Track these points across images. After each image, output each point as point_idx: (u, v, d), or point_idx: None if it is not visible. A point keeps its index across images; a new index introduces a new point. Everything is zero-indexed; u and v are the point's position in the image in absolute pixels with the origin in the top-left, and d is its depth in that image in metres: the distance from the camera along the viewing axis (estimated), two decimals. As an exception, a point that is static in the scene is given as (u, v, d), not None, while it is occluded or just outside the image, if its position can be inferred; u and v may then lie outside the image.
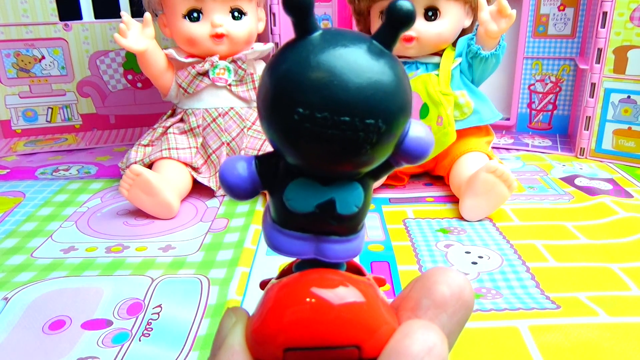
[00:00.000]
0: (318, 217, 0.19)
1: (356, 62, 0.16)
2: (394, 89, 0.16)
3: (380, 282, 0.22)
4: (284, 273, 0.22)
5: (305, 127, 0.16)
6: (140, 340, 0.42)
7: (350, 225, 0.19)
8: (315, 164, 0.17)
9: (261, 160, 0.19)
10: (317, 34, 0.16)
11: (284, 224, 0.19)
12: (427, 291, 0.19)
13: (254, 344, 0.18)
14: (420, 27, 0.71)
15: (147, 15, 0.71)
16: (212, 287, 0.50)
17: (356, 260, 0.23)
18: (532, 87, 0.99)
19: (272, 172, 0.19)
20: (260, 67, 0.80)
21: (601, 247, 0.57)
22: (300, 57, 0.16)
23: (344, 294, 0.18)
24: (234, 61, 0.75)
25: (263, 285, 0.23)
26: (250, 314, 0.20)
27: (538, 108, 1.00)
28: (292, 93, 0.16)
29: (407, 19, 0.16)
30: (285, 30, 0.97)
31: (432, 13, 0.71)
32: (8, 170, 0.85)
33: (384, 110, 0.16)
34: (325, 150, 0.16)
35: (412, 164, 0.19)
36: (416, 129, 0.18)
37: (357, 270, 0.23)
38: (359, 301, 0.18)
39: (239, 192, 0.19)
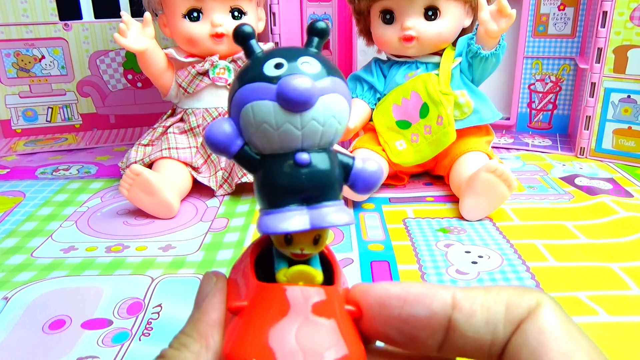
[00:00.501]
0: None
1: None
2: None
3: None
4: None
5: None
6: (140, 340, 0.42)
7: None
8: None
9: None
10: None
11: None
12: None
13: None
14: (420, 26, 0.71)
15: (147, 15, 0.71)
16: (212, 287, 0.50)
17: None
18: (532, 87, 0.99)
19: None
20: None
21: (601, 247, 0.57)
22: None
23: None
24: (233, 61, 0.75)
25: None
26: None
27: (538, 108, 1.00)
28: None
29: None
30: (285, 30, 0.97)
31: (432, 13, 0.71)
32: (8, 170, 0.85)
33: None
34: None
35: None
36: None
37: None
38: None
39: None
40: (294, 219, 0.20)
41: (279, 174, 0.20)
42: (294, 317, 0.19)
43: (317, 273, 0.21)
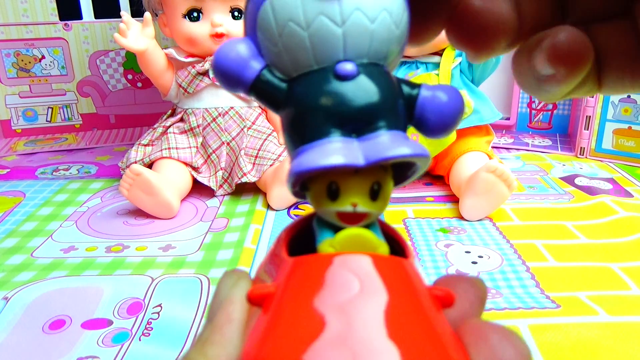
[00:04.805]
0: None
1: None
2: None
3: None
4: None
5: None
6: (140, 340, 0.42)
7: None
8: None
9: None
10: None
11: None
12: None
13: None
14: (420, 26, 0.71)
15: (147, 15, 0.72)
16: (212, 287, 0.50)
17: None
18: (532, 87, 0.99)
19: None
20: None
21: (601, 247, 0.57)
22: None
23: None
24: (234, 61, 0.75)
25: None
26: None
27: (538, 107, 1.00)
28: None
29: None
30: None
31: (432, 13, 0.71)
32: (8, 170, 0.85)
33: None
34: None
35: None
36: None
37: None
38: None
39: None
40: (340, 151, 0.14)
41: (314, 94, 0.14)
42: (366, 297, 0.13)
43: (380, 242, 0.15)
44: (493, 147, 0.87)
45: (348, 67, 0.14)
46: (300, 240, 0.16)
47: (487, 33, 0.17)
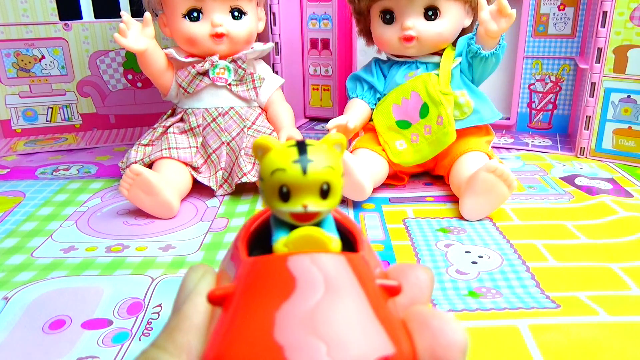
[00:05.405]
0: None
1: None
2: None
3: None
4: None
5: None
6: (140, 340, 0.42)
7: None
8: None
9: None
10: None
11: None
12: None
13: None
14: (420, 26, 0.71)
15: (147, 14, 0.71)
16: (212, 287, 0.50)
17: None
18: (532, 87, 0.99)
19: None
20: (260, 67, 0.80)
21: (601, 247, 0.57)
22: None
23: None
24: (234, 61, 0.75)
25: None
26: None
27: (538, 107, 1.00)
28: None
29: None
30: (286, 30, 0.97)
31: (432, 12, 0.71)
32: (8, 170, 0.85)
33: None
34: None
35: None
36: None
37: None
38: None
39: None
40: None
41: None
42: (305, 296, 0.14)
43: (329, 238, 0.16)
44: (493, 147, 0.87)
45: None
46: (262, 231, 0.18)
47: None
